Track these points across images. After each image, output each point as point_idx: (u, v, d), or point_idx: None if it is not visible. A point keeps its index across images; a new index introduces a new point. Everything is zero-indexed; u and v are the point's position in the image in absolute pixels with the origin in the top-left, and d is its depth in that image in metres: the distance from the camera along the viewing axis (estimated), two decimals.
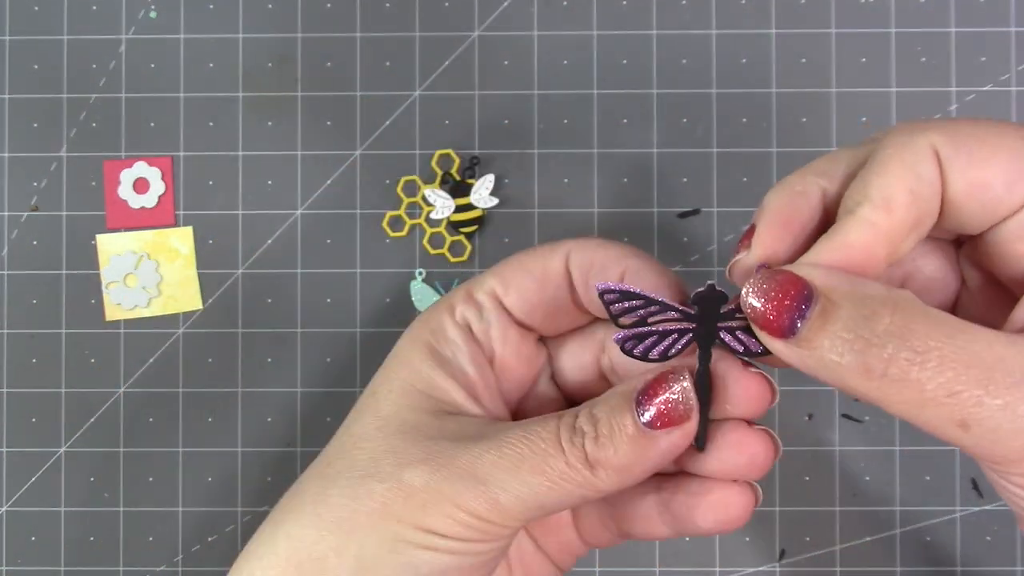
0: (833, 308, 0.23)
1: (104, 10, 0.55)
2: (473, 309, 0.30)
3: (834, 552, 0.53)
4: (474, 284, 0.30)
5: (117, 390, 0.55)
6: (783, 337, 0.23)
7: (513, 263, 0.30)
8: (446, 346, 0.30)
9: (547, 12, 0.55)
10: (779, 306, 0.23)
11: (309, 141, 0.55)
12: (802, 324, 0.23)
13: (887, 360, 0.22)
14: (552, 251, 0.30)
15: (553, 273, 0.29)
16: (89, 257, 0.55)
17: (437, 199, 0.54)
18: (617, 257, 0.29)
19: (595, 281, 0.27)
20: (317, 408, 0.54)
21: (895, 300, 0.22)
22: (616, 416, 0.26)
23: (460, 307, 0.30)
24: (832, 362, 0.23)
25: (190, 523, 0.54)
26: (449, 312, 0.30)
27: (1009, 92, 0.54)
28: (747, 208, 0.54)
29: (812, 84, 0.54)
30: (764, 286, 0.24)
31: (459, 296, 0.31)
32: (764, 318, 0.24)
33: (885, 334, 0.22)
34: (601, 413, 0.26)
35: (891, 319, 0.22)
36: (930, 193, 0.24)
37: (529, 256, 0.30)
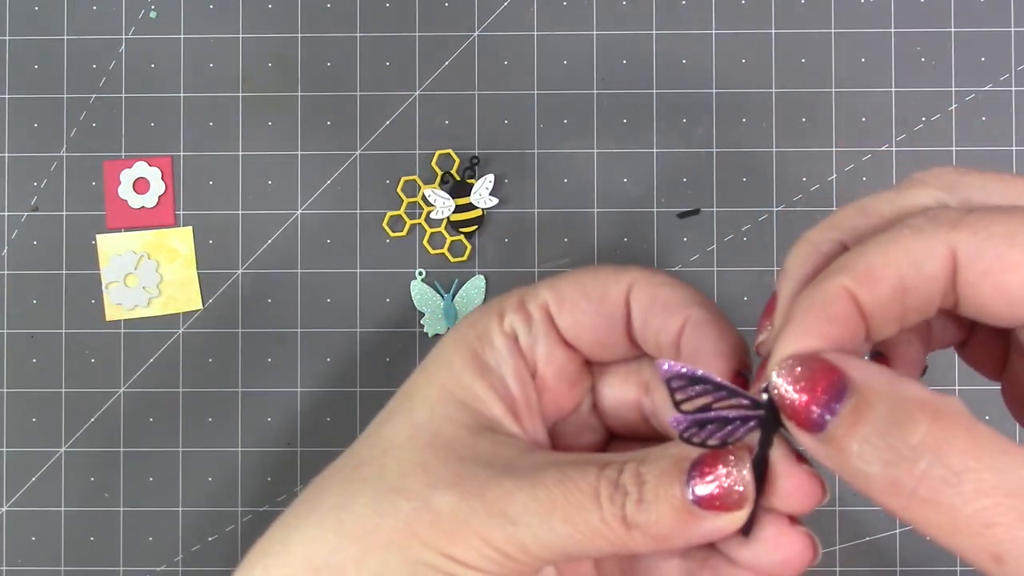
0: (866, 408, 0.20)
1: (104, 10, 0.55)
2: (523, 320, 0.29)
3: (834, 552, 0.53)
4: (527, 293, 0.29)
5: (117, 390, 0.55)
6: (811, 432, 0.21)
7: (571, 280, 0.29)
8: (491, 354, 0.28)
9: (547, 12, 0.55)
10: (809, 397, 0.21)
11: (309, 141, 0.55)
12: (832, 420, 0.21)
13: (918, 477, 0.19)
14: (615, 277, 0.28)
15: (612, 300, 0.28)
16: (89, 257, 0.55)
17: (437, 199, 0.54)
18: (682, 303, 0.27)
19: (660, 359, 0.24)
20: (317, 408, 0.54)
21: (936, 407, 0.20)
22: (665, 483, 0.24)
23: (510, 315, 0.29)
24: (858, 470, 0.20)
25: (190, 523, 0.54)
26: (498, 318, 0.29)
27: (1009, 92, 0.54)
28: (747, 208, 0.54)
29: (812, 84, 0.54)
30: (795, 372, 0.21)
31: (510, 303, 0.29)
32: (792, 408, 0.21)
33: (919, 447, 0.19)
34: (649, 475, 0.24)
35: (928, 429, 0.19)
36: (925, 291, 0.22)
37: (589, 276, 0.28)
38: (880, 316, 0.22)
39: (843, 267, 0.22)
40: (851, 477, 0.21)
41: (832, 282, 0.22)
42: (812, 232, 0.25)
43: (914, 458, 0.19)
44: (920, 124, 0.54)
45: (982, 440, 0.19)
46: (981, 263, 0.21)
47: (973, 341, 0.27)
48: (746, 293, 0.54)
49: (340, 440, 0.54)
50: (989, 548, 0.20)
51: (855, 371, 0.21)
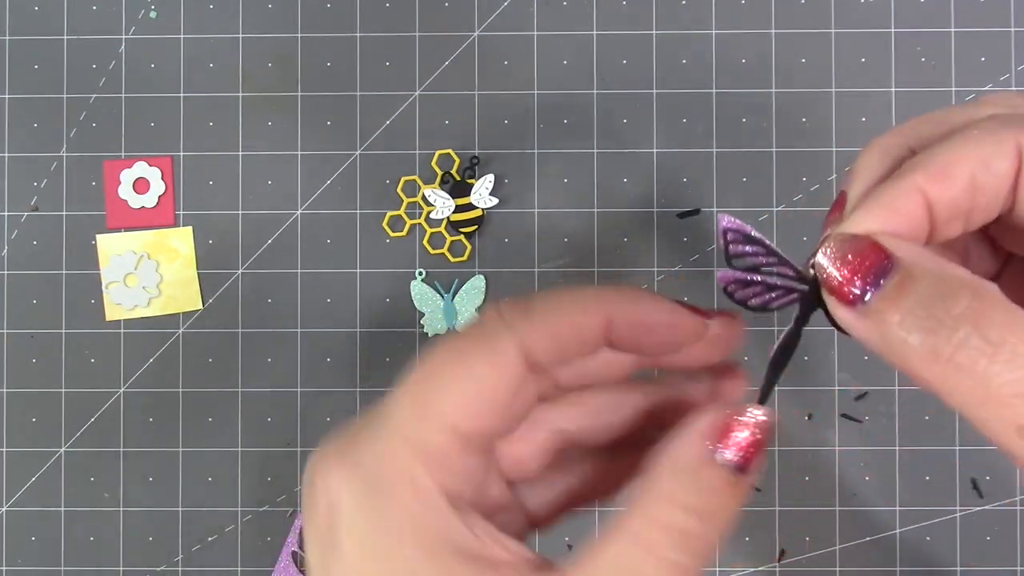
0: (911, 282, 0.21)
1: (104, 10, 0.55)
2: (441, 469, 0.23)
3: (834, 552, 0.53)
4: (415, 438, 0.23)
5: (117, 390, 0.55)
6: (851, 305, 0.22)
7: (442, 389, 0.24)
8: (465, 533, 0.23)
9: (547, 12, 0.55)
10: (853, 272, 0.22)
11: (309, 141, 0.55)
12: (874, 294, 0.22)
13: (956, 345, 0.20)
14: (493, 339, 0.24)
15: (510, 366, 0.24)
16: (89, 257, 0.55)
17: (437, 199, 0.54)
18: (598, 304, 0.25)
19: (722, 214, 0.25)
20: (317, 408, 0.54)
21: (976, 286, 0.21)
22: (705, 494, 0.23)
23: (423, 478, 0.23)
24: (899, 339, 0.21)
25: (190, 523, 0.54)
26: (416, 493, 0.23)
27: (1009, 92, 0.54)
28: (747, 208, 0.54)
29: (812, 84, 0.54)
30: (842, 250, 0.22)
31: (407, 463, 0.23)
32: (834, 282, 0.22)
33: (960, 317, 0.20)
34: (689, 502, 0.23)
35: (969, 303, 0.20)
36: (994, 190, 0.23)
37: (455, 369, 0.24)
38: (948, 214, 0.23)
39: (917, 165, 0.23)
40: (888, 348, 0.22)
41: (906, 180, 0.23)
42: (882, 138, 0.25)
43: (954, 327, 0.20)
44: None
45: (1020, 318, 0.20)
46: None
47: (1005, 274, 0.28)
48: None
49: None
50: (1015, 419, 0.20)
51: (901, 251, 0.22)
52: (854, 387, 0.54)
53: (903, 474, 0.53)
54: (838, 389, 0.54)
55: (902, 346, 0.21)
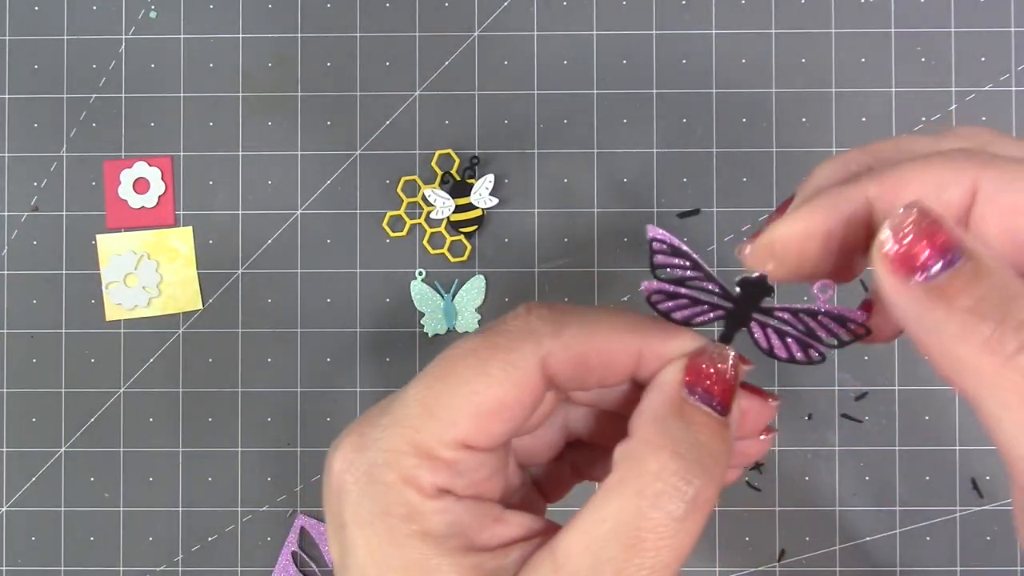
0: (987, 273, 0.21)
1: (104, 10, 0.55)
2: (444, 471, 0.23)
3: (834, 552, 0.53)
4: (419, 438, 0.23)
5: (117, 390, 0.55)
6: (910, 273, 0.21)
7: (454, 395, 0.23)
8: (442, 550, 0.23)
9: (547, 12, 0.55)
10: (919, 244, 0.21)
11: (309, 141, 0.55)
12: (947, 272, 0.21)
13: (1021, 346, 0.20)
14: (516, 351, 0.23)
15: (528, 382, 0.23)
16: (89, 257, 0.55)
17: (437, 199, 0.54)
18: (623, 330, 0.24)
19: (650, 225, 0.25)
20: (317, 408, 0.54)
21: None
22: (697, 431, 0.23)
23: (425, 475, 0.23)
24: (959, 322, 0.21)
25: (190, 523, 0.54)
26: (414, 488, 0.23)
27: (1009, 92, 0.54)
28: (747, 208, 0.54)
29: (812, 84, 0.54)
30: (913, 221, 0.21)
31: (408, 461, 0.23)
32: (900, 249, 0.21)
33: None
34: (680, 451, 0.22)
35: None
36: None
37: (470, 376, 0.23)
38: None
39: (870, 176, 0.23)
40: (935, 329, 0.21)
41: (856, 187, 0.23)
42: (843, 154, 0.25)
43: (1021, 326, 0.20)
44: (920, 124, 0.54)
45: None
46: (999, 201, 0.22)
47: None
48: None
49: None
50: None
51: (970, 242, 0.21)
52: (854, 387, 0.54)
53: (903, 474, 0.53)
54: (838, 389, 0.54)
55: (958, 329, 0.21)
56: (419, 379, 0.24)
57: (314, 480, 0.54)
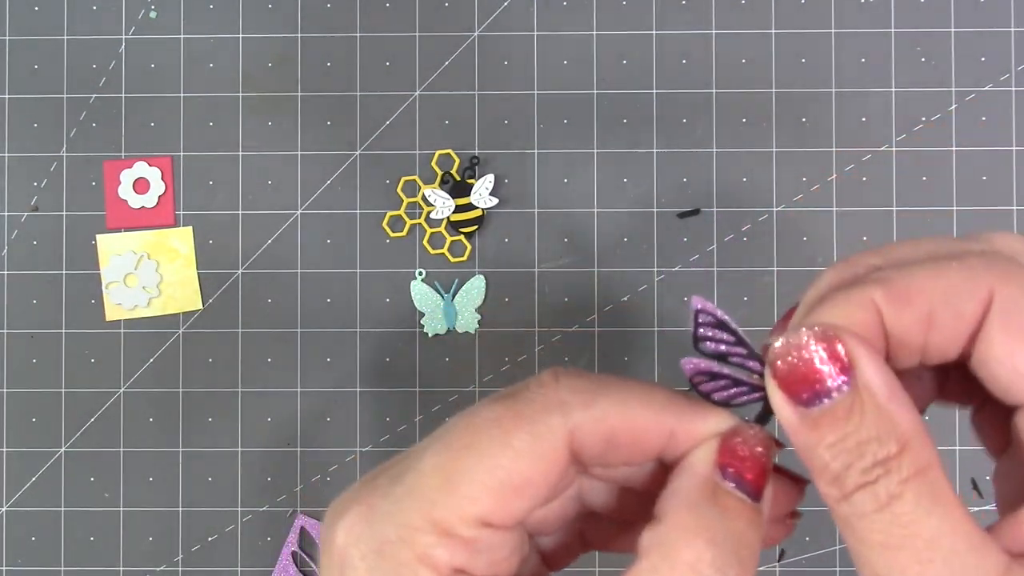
0: (859, 409, 0.20)
1: (104, 10, 0.55)
2: (462, 550, 0.21)
3: (834, 552, 0.53)
4: (436, 515, 0.21)
5: (117, 390, 0.55)
6: (795, 402, 0.21)
7: (475, 469, 0.21)
8: None
9: (547, 12, 0.55)
10: (809, 373, 0.21)
11: (309, 141, 0.55)
12: (820, 406, 0.21)
13: (858, 487, 0.20)
14: (543, 423, 0.22)
15: (554, 457, 0.22)
16: (89, 257, 0.55)
17: (437, 199, 0.54)
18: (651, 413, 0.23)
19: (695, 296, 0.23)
20: (317, 408, 0.54)
21: (911, 438, 0.20)
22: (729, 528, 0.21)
23: (441, 554, 0.21)
24: (819, 456, 0.21)
25: (190, 523, 0.54)
26: (429, 568, 0.21)
27: (1009, 92, 0.54)
28: (747, 208, 0.54)
29: (812, 84, 0.54)
30: (807, 339, 0.21)
31: (424, 539, 0.21)
32: (786, 377, 0.21)
33: (881, 464, 0.20)
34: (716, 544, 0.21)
35: (895, 456, 0.20)
36: (951, 332, 0.21)
37: (494, 449, 0.22)
38: (898, 342, 0.21)
39: (877, 280, 0.21)
40: (807, 455, 0.21)
41: (861, 291, 0.21)
42: (853, 256, 0.23)
43: (869, 468, 0.20)
44: (920, 124, 0.54)
45: (935, 492, 0.20)
46: (1013, 324, 0.20)
47: (983, 409, 0.25)
48: (746, 293, 0.54)
49: (340, 440, 0.54)
50: (878, 569, 0.20)
51: (864, 366, 0.20)
52: None
53: None
54: None
55: (817, 462, 0.21)
56: (436, 447, 0.22)
57: (314, 480, 0.54)
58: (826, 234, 0.54)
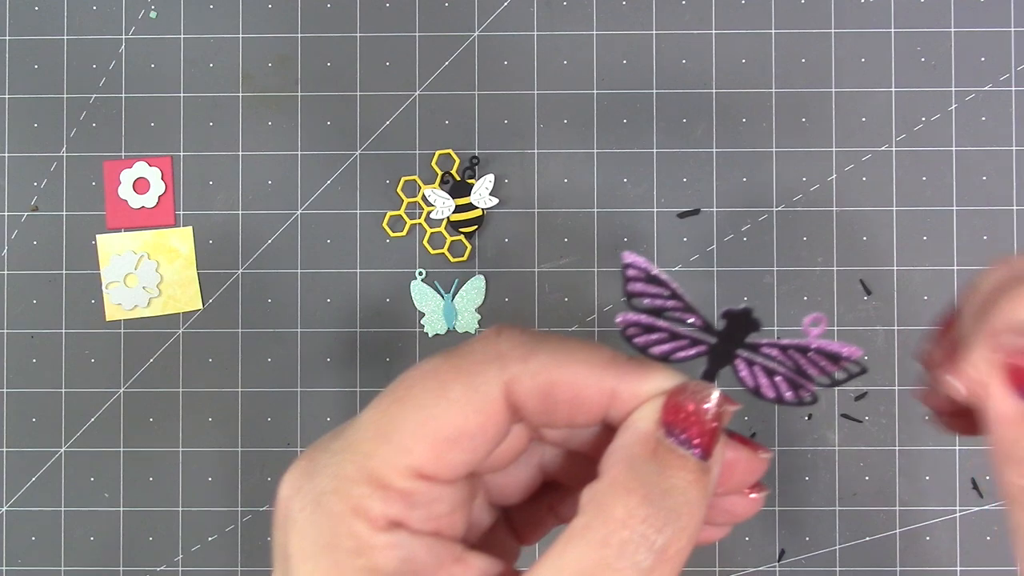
0: None
1: (104, 10, 0.55)
2: (397, 501, 0.21)
3: (834, 552, 0.53)
4: (371, 465, 0.21)
5: (117, 390, 0.55)
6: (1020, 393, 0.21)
7: (410, 419, 0.21)
8: None
9: (547, 12, 0.55)
10: None
11: (309, 141, 0.55)
12: None
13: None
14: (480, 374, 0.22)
15: (490, 409, 0.22)
16: (89, 257, 0.55)
17: (437, 199, 0.54)
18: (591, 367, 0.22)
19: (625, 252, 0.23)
20: (317, 408, 0.54)
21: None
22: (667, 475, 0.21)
23: (376, 505, 0.21)
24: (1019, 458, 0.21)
25: (190, 523, 0.54)
26: (363, 520, 0.21)
27: (1009, 92, 0.54)
28: (747, 208, 0.54)
29: (812, 84, 0.54)
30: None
31: (358, 489, 0.21)
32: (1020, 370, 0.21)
33: None
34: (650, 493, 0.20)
35: None
36: None
37: (428, 399, 0.21)
38: None
39: None
40: (1010, 445, 0.21)
41: None
42: (1009, 259, 0.23)
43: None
44: (920, 124, 0.54)
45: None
46: None
47: None
48: (746, 293, 0.54)
49: None
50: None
51: None
52: (854, 387, 0.54)
53: (903, 474, 0.53)
54: (838, 389, 0.54)
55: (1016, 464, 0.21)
56: (376, 401, 0.22)
57: None
58: (826, 234, 0.54)
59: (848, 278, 0.54)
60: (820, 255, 0.54)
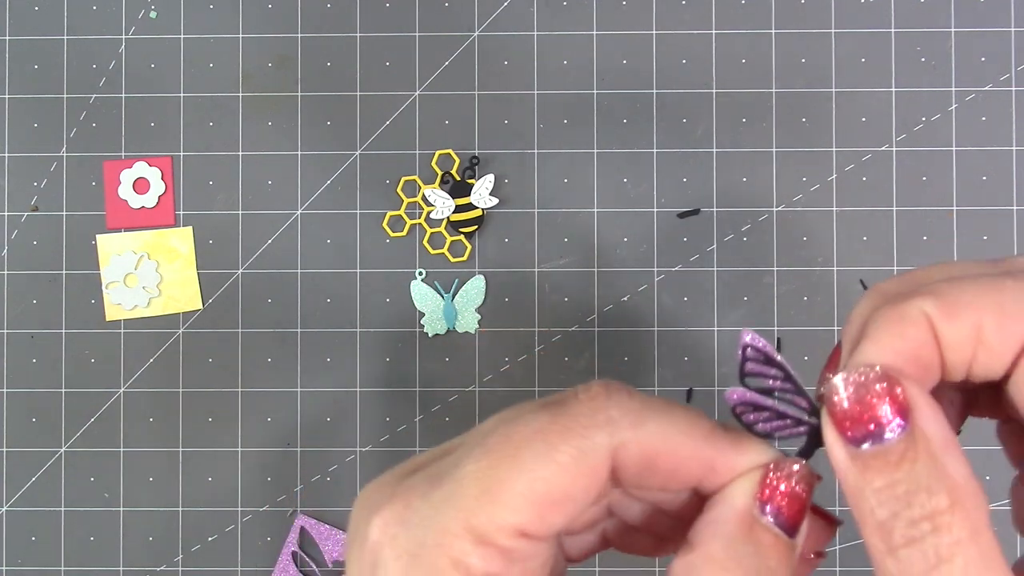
0: (912, 456, 0.20)
1: (104, 10, 0.55)
2: (497, 558, 0.21)
3: (834, 552, 0.53)
4: (475, 522, 0.21)
5: (117, 390, 0.55)
6: (847, 440, 0.21)
7: (517, 480, 0.21)
8: None
9: (547, 12, 0.55)
10: (865, 412, 0.20)
11: (309, 141, 0.55)
12: (873, 446, 0.20)
13: (908, 540, 0.19)
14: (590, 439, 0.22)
15: (597, 474, 0.22)
16: (89, 257, 0.55)
17: (437, 199, 0.54)
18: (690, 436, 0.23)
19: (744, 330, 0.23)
20: (317, 408, 0.54)
21: (964, 495, 0.20)
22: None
23: (477, 561, 0.21)
24: (867, 500, 0.20)
25: (190, 523, 0.54)
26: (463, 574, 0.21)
27: (1009, 92, 0.54)
28: (747, 208, 0.54)
29: (812, 84, 0.54)
30: (866, 382, 0.20)
31: (461, 545, 0.21)
32: (841, 414, 0.21)
33: (930, 515, 0.19)
34: None
35: (945, 511, 0.19)
36: (999, 350, 0.21)
37: (537, 462, 0.21)
38: (949, 357, 0.21)
39: (927, 292, 0.21)
40: (855, 498, 0.21)
41: (911, 304, 0.21)
42: (879, 284, 0.23)
43: (917, 521, 0.20)
44: (920, 124, 0.54)
45: (984, 551, 0.19)
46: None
47: (1009, 423, 0.25)
48: (746, 293, 0.54)
49: (340, 440, 0.54)
50: None
51: (921, 412, 0.20)
52: None
53: None
54: None
55: (864, 505, 0.20)
56: (476, 454, 0.22)
57: (314, 480, 0.54)
58: (826, 234, 0.54)
59: (848, 278, 0.54)
60: (820, 255, 0.54)
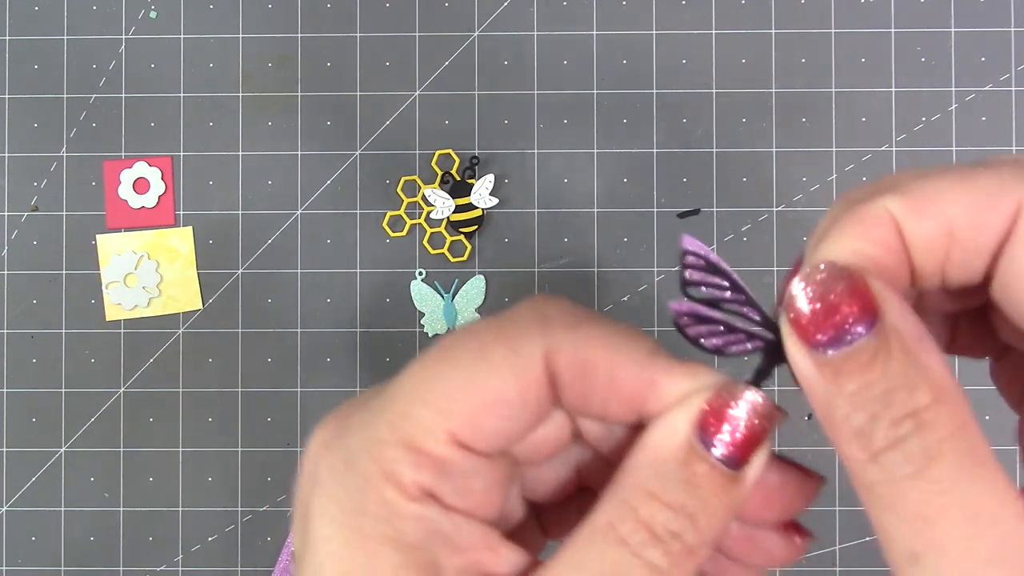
0: (885, 355, 0.18)
1: (104, 10, 0.55)
2: (430, 469, 0.20)
3: (834, 552, 0.53)
4: (406, 427, 0.20)
5: (117, 390, 0.55)
6: (813, 348, 0.19)
7: (449, 380, 0.20)
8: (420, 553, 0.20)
9: (547, 12, 0.55)
10: (830, 314, 0.18)
11: (309, 141, 0.55)
12: (841, 349, 0.18)
13: (890, 442, 0.18)
14: (523, 337, 0.20)
15: (530, 375, 0.20)
16: (89, 257, 0.55)
17: (437, 199, 0.54)
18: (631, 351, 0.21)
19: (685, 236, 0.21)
20: (317, 408, 0.54)
21: (945, 389, 0.18)
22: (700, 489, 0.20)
23: (408, 471, 0.20)
24: (840, 407, 0.18)
25: (190, 523, 0.54)
26: (394, 485, 0.20)
27: (1009, 92, 0.54)
28: (747, 208, 0.54)
29: (812, 84, 0.54)
30: (826, 281, 0.19)
31: (391, 452, 0.20)
32: (804, 319, 0.19)
33: (911, 416, 0.18)
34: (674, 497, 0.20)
35: (929, 407, 0.18)
36: (974, 246, 0.19)
37: (469, 361, 0.20)
38: (918, 259, 0.19)
39: (892, 188, 0.19)
40: (824, 409, 0.19)
41: (875, 203, 0.19)
42: (853, 190, 0.21)
43: (899, 423, 0.18)
44: (920, 124, 0.54)
45: (972, 447, 0.18)
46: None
47: (1003, 359, 0.23)
48: None
49: None
50: (913, 543, 0.18)
51: (889, 309, 0.18)
52: None
53: None
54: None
55: (838, 413, 0.19)
56: (415, 360, 0.21)
57: None
58: None
59: None
60: None
